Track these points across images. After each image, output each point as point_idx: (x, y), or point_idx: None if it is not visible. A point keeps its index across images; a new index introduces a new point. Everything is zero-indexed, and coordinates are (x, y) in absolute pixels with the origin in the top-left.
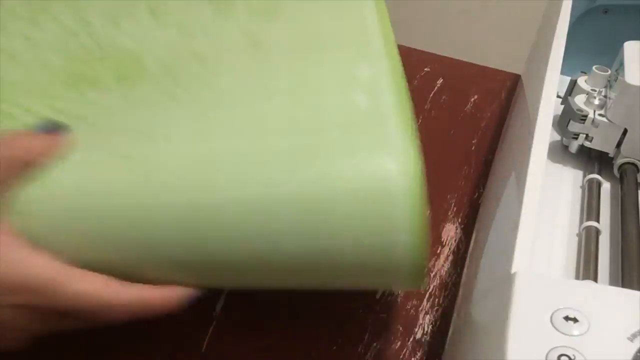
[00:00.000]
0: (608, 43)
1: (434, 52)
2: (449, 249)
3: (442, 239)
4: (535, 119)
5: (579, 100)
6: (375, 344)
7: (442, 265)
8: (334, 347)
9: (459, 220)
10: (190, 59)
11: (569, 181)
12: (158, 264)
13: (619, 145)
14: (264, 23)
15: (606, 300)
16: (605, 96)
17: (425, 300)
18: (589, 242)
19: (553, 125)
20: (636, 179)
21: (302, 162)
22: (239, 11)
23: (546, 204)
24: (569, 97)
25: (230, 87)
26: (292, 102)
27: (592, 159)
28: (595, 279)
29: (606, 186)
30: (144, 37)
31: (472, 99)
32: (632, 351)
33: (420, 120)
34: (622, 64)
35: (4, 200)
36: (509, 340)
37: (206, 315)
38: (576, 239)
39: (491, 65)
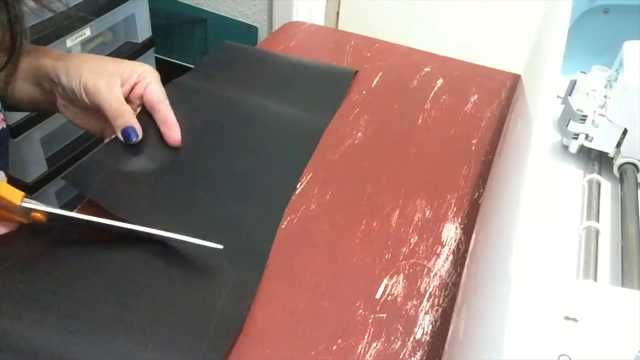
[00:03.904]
0: (608, 43)
1: (434, 52)
2: (449, 249)
3: (442, 239)
4: (535, 119)
5: (579, 100)
6: (375, 344)
7: (442, 265)
8: (334, 347)
9: (459, 220)
10: None
11: (569, 181)
12: None
13: (619, 145)
14: None
15: (606, 300)
16: (605, 96)
17: (425, 300)
18: (589, 242)
19: (553, 125)
20: (636, 179)
21: None
22: None
23: (546, 204)
24: (569, 97)
25: None
26: None
27: (592, 159)
28: (595, 279)
29: (606, 186)
30: None
31: (472, 99)
32: (633, 351)
33: (420, 120)
34: (622, 64)
35: None
36: (508, 340)
37: None
38: (576, 239)
39: (491, 65)
